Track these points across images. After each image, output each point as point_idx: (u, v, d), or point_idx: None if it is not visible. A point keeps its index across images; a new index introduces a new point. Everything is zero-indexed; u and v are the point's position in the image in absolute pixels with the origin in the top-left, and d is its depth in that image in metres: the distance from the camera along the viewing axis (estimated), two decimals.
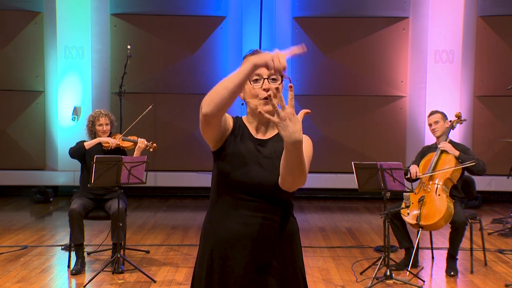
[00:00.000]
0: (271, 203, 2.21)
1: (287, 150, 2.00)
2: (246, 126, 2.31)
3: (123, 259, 5.21)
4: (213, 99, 2.02)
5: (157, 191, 9.42)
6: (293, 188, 2.14)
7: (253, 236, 2.19)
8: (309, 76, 9.27)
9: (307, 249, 6.11)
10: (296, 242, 2.30)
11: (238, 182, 2.20)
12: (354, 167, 5.09)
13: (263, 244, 2.20)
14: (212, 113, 2.04)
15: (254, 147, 2.26)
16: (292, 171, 2.05)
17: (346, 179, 8.60)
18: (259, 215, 2.20)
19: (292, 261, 2.27)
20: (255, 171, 2.20)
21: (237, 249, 2.20)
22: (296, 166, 2.04)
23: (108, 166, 4.98)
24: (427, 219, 5.08)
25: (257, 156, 2.23)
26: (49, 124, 9.30)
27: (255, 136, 2.29)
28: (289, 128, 1.94)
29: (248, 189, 2.19)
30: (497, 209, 8.62)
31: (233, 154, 2.23)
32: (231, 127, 2.27)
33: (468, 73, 9.11)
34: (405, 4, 9.14)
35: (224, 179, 2.23)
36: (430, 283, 5.14)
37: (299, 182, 2.09)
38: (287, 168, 2.06)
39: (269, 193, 2.19)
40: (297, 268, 2.29)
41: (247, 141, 2.26)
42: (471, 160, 5.28)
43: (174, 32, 9.25)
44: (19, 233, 6.81)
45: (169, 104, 9.29)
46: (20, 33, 9.18)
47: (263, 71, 2.20)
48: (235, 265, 2.20)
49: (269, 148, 2.25)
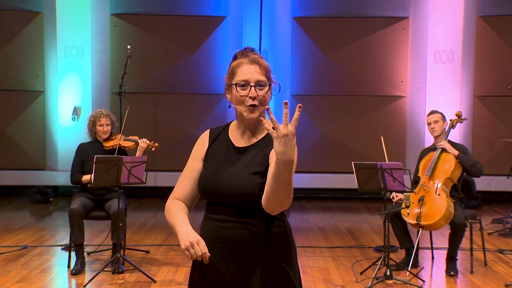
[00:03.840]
0: (249, 209, 2.17)
1: (277, 167, 1.93)
2: (227, 135, 2.30)
3: (123, 259, 5.21)
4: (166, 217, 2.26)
5: (157, 191, 9.42)
6: (277, 210, 2.07)
7: (233, 241, 2.18)
8: (309, 76, 9.27)
9: (307, 249, 6.11)
10: (284, 244, 2.23)
11: (214, 192, 2.20)
12: (354, 167, 5.09)
13: (244, 248, 2.18)
14: None
15: (234, 155, 2.24)
16: (279, 191, 1.99)
17: (346, 179, 8.60)
18: (238, 220, 2.18)
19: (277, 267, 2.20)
20: (230, 180, 2.18)
21: (217, 252, 2.18)
22: (283, 186, 1.97)
23: (108, 166, 4.98)
24: (427, 218, 5.08)
25: (233, 167, 2.21)
26: (49, 124, 9.30)
27: (236, 144, 2.27)
28: (285, 147, 1.90)
29: (225, 198, 2.18)
30: (497, 209, 8.62)
31: (211, 165, 2.25)
32: (207, 145, 2.31)
33: (468, 73, 9.11)
34: (405, 4, 9.14)
35: (200, 189, 2.26)
36: (430, 283, 5.14)
37: (284, 203, 2.03)
38: (274, 188, 1.99)
39: (243, 203, 2.16)
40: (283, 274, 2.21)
41: (225, 151, 2.26)
42: (470, 161, 5.29)
43: (174, 32, 9.25)
44: (19, 233, 6.81)
45: (169, 104, 9.29)
46: (20, 33, 9.18)
47: (250, 78, 2.18)
48: (219, 267, 2.19)
49: (249, 156, 2.22)
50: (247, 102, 2.17)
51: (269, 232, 2.20)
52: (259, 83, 2.19)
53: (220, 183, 2.18)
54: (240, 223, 2.18)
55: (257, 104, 2.17)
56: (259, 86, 2.19)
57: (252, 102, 2.16)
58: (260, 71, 2.20)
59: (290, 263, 2.24)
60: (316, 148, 9.12)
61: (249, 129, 2.26)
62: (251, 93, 2.17)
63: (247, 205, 2.16)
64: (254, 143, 2.25)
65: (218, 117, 9.07)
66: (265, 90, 2.19)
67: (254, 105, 2.17)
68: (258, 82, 2.19)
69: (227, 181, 2.18)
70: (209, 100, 9.22)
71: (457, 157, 5.30)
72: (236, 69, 2.23)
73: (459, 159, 5.30)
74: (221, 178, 2.19)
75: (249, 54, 2.25)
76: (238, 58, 2.26)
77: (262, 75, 2.20)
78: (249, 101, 2.17)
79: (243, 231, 2.17)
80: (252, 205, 2.15)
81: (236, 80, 2.21)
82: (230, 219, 2.18)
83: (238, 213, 2.18)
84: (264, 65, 2.22)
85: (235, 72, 2.23)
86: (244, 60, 2.23)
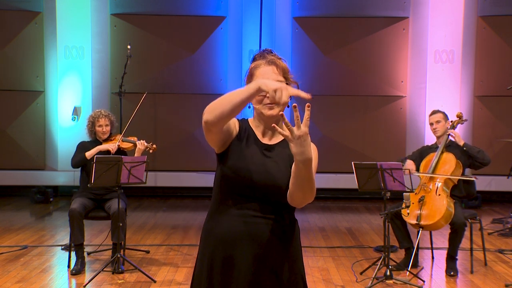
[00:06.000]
0: (274, 205, 2.21)
1: (297, 167, 2.03)
2: (252, 130, 2.30)
3: (123, 259, 5.21)
4: (216, 109, 2.06)
5: (157, 191, 9.42)
6: (302, 204, 2.15)
7: (255, 235, 2.19)
8: (309, 76, 9.26)
9: (307, 249, 6.11)
10: (297, 244, 2.30)
11: (241, 185, 2.20)
12: (354, 167, 5.09)
13: (265, 244, 2.20)
14: (213, 122, 2.07)
15: (260, 151, 2.25)
16: (302, 187, 2.09)
17: (346, 179, 8.60)
18: (261, 216, 2.20)
19: (292, 263, 2.27)
20: (258, 174, 2.19)
21: (239, 249, 2.20)
22: (306, 182, 2.07)
23: (108, 166, 4.98)
24: (428, 219, 5.08)
25: (262, 159, 2.23)
26: (49, 124, 9.30)
27: (261, 140, 2.29)
28: (302, 147, 1.97)
29: (251, 191, 2.19)
30: (497, 209, 8.62)
31: (238, 158, 2.22)
32: (236, 131, 2.27)
33: (468, 73, 9.11)
34: (405, 4, 9.14)
35: (228, 182, 2.22)
36: (430, 283, 5.14)
37: (308, 198, 2.12)
38: (297, 185, 2.09)
39: (272, 196, 2.19)
40: (297, 270, 2.29)
41: (252, 145, 2.26)
42: (476, 148, 5.48)
43: (174, 32, 9.25)
44: (19, 233, 6.81)
45: (169, 104, 9.29)
46: (20, 33, 9.18)
47: (268, 78, 2.19)
48: (237, 265, 2.20)
49: (275, 153, 2.25)
50: (265, 101, 2.21)
51: (291, 229, 2.27)
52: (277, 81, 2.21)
53: (258, 176, 2.19)
54: (263, 218, 2.20)
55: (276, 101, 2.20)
56: None
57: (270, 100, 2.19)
58: (278, 72, 2.25)
59: (301, 259, 2.33)
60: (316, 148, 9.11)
61: (269, 128, 2.29)
62: None
63: (276, 199, 2.19)
64: (279, 142, 2.29)
65: None
66: None
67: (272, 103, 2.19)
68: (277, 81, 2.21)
69: (264, 175, 2.19)
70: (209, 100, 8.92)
71: (464, 145, 5.44)
72: (254, 71, 2.28)
73: (465, 148, 5.43)
74: (257, 171, 2.19)
75: (266, 56, 2.30)
76: (257, 60, 2.30)
77: (280, 75, 2.25)
78: (267, 100, 2.20)
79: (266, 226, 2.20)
80: (280, 200, 2.19)
81: None
82: (258, 215, 2.20)
83: (265, 209, 2.20)
84: (282, 65, 2.28)
85: (254, 74, 2.28)
86: (261, 62, 2.28)
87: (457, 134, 5.51)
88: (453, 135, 5.50)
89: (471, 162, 5.50)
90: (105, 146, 5.53)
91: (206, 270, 2.26)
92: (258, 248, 2.19)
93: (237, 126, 2.28)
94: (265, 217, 2.20)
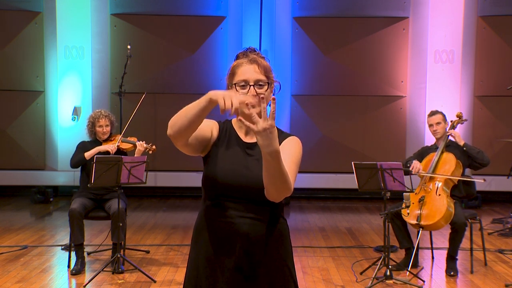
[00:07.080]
0: (259, 205, 2.19)
1: (266, 161, 1.97)
2: (234, 130, 2.31)
3: (123, 259, 5.21)
4: (175, 124, 2.08)
5: (157, 191, 9.42)
6: (279, 198, 2.10)
7: (241, 235, 2.17)
8: (309, 76, 9.27)
9: (307, 249, 6.11)
10: (286, 243, 2.28)
11: (224, 186, 2.19)
12: (354, 167, 5.09)
13: (251, 244, 2.18)
14: (175, 136, 2.09)
15: (242, 150, 2.25)
16: (274, 182, 2.03)
17: (346, 179, 8.60)
18: (247, 216, 2.18)
19: (281, 263, 2.24)
20: (241, 174, 2.18)
21: (225, 249, 2.19)
22: (277, 176, 2.01)
23: (108, 166, 4.98)
24: (428, 219, 5.08)
25: (245, 159, 2.22)
26: (49, 124, 9.30)
27: (243, 139, 2.29)
28: (268, 139, 1.92)
29: (234, 192, 2.18)
30: (497, 209, 8.62)
31: (218, 160, 2.22)
32: (217, 134, 2.28)
33: (468, 73, 9.11)
34: (405, 4, 9.14)
35: (209, 184, 2.23)
36: (430, 283, 5.14)
37: (282, 191, 2.06)
38: (268, 178, 2.03)
39: (255, 196, 2.17)
40: (286, 270, 2.26)
41: (234, 146, 2.26)
42: (475, 149, 5.47)
43: (174, 32, 9.25)
44: (19, 233, 6.81)
45: (169, 104, 9.28)
46: (20, 33, 9.18)
47: (249, 77, 2.20)
48: (222, 266, 2.19)
49: (258, 150, 2.22)
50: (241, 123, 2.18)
51: (278, 228, 2.24)
52: (258, 82, 2.21)
53: (238, 176, 2.18)
54: (248, 219, 2.18)
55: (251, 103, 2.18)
56: (258, 85, 2.21)
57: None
58: (259, 70, 2.23)
59: (291, 260, 2.30)
60: (316, 148, 9.12)
61: None
62: (250, 92, 2.19)
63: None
64: None
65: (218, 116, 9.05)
66: (264, 89, 2.22)
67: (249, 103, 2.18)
68: (257, 81, 2.21)
69: (245, 174, 2.18)
70: None
71: (463, 145, 5.43)
72: (236, 69, 2.27)
73: (465, 148, 5.43)
74: (238, 172, 2.19)
75: (249, 54, 2.29)
76: (239, 59, 2.30)
77: (261, 74, 2.22)
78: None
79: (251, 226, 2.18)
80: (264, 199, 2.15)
81: (236, 80, 2.25)
82: (243, 215, 2.18)
83: (249, 208, 2.18)
84: (263, 64, 2.25)
85: (235, 72, 2.27)
86: (243, 60, 2.27)
87: (457, 134, 5.50)
88: (453, 135, 5.50)
89: (470, 162, 5.50)
90: (104, 147, 5.53)
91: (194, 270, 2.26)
92: (244, 247, 2.17)
93: (217, 129, 2.29)
94: (250, 217, 2.18)
